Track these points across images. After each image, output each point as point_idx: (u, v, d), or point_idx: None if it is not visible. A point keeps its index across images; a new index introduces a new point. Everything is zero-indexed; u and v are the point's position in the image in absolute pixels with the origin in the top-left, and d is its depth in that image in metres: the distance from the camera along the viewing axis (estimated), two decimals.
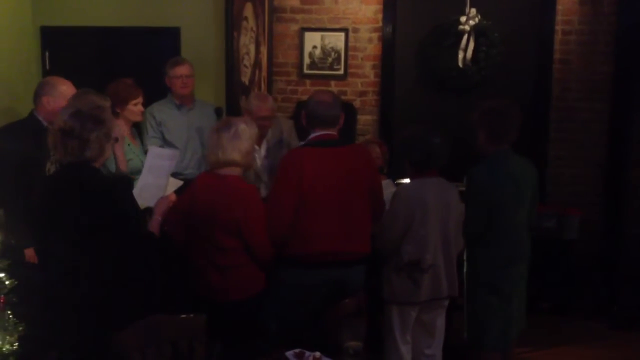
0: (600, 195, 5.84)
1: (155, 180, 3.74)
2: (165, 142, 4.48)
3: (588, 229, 5.67)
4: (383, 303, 3.64)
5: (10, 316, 2.80)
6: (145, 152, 4.25)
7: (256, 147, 4.46)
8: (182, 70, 4.49)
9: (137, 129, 4.50)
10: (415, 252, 3.50)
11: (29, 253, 3.57)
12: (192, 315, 2.84)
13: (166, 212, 3.16)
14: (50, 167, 3.35)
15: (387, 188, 4.00)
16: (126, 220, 2.80)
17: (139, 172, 4.06)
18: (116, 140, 2.98)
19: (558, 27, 5.74)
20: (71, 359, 2.74)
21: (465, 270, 3.80)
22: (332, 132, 3.48)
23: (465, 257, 3.80)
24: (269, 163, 4.45)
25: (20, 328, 2.80)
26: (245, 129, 3.29)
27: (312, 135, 3.48)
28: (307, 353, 2.68)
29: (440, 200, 3.55)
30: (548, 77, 5.79)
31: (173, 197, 3.32)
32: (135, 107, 4.20)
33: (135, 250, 2.88)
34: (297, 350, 2.70)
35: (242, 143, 3.26)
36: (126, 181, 3.01)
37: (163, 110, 4.54)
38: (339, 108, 3.51)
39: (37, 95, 3.87)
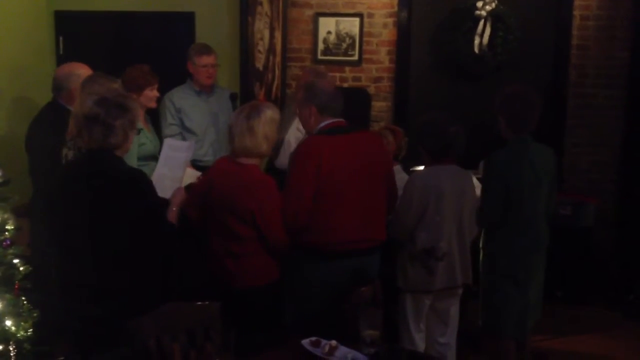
0: (617, 183, 5.78)
1: (170, 172, 3.70)
2: (184, 129, 4.44)
3: (604, 216, 5.63)
4: (397, 291, 3.62)
5: (25, 302, 2.81)
6: (160, 139, 4.22)
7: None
8: (209, 59, 4.41)
9: (153, 115, 4.43)
10: (429, 240, 3.47)
11: None
12: (207, 302, 2.84)
13: (182, 203, 3.16)
14: (68, 153, 3.33)
15: (397, 174, 3.97)
16: (148, 208, 2.79)
17: (152, 157, 4.04)
18: (138, 132, 2.97)
19: (576, 12, 5.66)
20: (87, 345, 2.74)
21: (481, 258, 3.78)
22: (341, 119, 3.46)
23: (481, 245, 3.77)
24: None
25: (35, 314, 2.81)
26: (274, 117, 3.28)
27: (324, 123, 3.43)
28: (324, 341, 2.66)
29: (455, 188, 3.52)
30: (565, 63, 5.72)
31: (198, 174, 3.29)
32: (151, 93, 4.16)
33: (156, 238, 2.88)
34: (313, 339, 2.68)
35: (273, 132, 3.26)
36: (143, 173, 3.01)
37: (182, 97, 4.47)
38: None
39: (62, 88, 3.85)
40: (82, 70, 3.84)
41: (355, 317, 2.73)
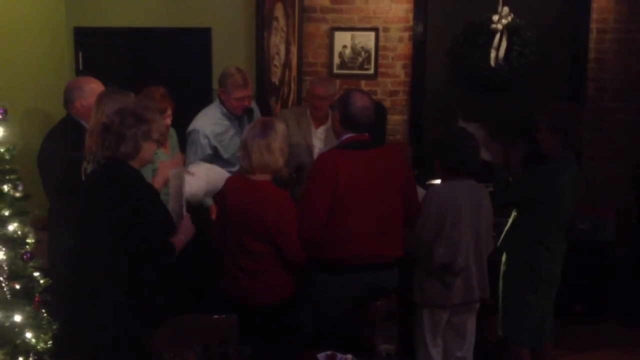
0: (636, 197, 5.73)
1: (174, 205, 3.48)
2: (222, 161, 4.21)
3: (623, 231, 5.58)
4: (414, 306, 3.61)
5: (45, 315, 2.83)
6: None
7: (313, 126, 4.46)
8: (246, 92, 4.18)
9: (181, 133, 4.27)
10: (447, 255, 3.46)
11: None
12: (223, 316, 2.84)
13: (190, 233, 3.11)
14: (87, 167, 3.37)
15: None
16: (147, 221, 2.78)
17: None
18: (160, 144, 2.95)
19: (593, 26, 5.65)
20: (104, 357, 2.75)
21: (504, 268, 3.82)
22: (365, 133, 3.44)
23: (505, 257, 3.82)
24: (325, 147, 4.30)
25: (55, 327, 2.82)
26: (285, 131, 3.29)
27: (345, 136, 3.42)
28: (339, 355, 2.66)
29: (471, 202, 3.51)
30: (582, 76, 5.70)
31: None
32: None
33: (150, 254, 2.85)
34: (329, 353, 2.69)
35: (285, 146, 3.27)
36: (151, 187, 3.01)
37: (218, 131, 4.20)
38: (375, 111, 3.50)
39: (69, 101, 3.88)
40: (91, 85, 3.85)
41: (371, 331, 2.73)
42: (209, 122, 4.21)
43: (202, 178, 3.81)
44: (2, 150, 2.78)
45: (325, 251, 3.32)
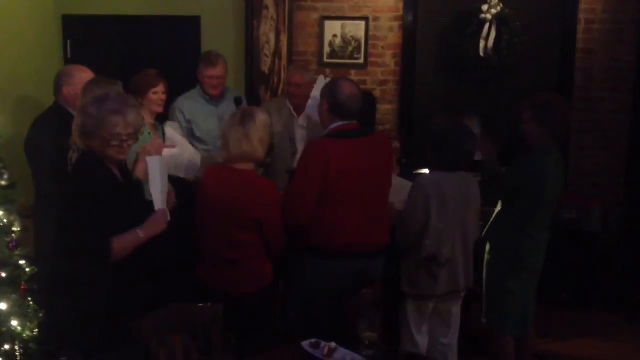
0: (622, 186, 5.78)
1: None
2: (195, 139, 4.36)
3: (610, 220, 5.62)
4: (400, 294, 3.63)
5: (31, 303, 2.85)
6: None
7: (294, 114, 4.45)
8: (213, 72, 4.35)
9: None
10: (433, 247, 3.48)
11: None
12: (209, 304, 2.86)
13: (156, 226, 2.88)
14: (73, 156, 3.37)
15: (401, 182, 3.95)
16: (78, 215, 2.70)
17: None
18: (137, 139, 2.90)
19: (581, 16, 5.67)
20: (90, 346, 2.76)
21: (488, 257, 3.86)
22: (354, 121, 3.43)
23: (489, 246, 3.87)
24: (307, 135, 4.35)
25: (41, 315, 2.84)
26: (267, 121, 3.26)
27: (334, 125, 3.40)
28: (323, 343, 2.68)
29: (458, 193, 3.51)
30: (571, 66, 5.73)
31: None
32: (154, 96, 4.08)
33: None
34: (312, 341, 2.71)
35: (267, 136, 3.24)
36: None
37: (193, 107, 4.40)
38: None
39: (58, 87, 3.91)
40: (82, 74, 3.86)
41: (355, 319, 2.75)
42: (186, 100, 4.45)
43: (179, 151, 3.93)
44: None
45: (314, 238, 3.33)
